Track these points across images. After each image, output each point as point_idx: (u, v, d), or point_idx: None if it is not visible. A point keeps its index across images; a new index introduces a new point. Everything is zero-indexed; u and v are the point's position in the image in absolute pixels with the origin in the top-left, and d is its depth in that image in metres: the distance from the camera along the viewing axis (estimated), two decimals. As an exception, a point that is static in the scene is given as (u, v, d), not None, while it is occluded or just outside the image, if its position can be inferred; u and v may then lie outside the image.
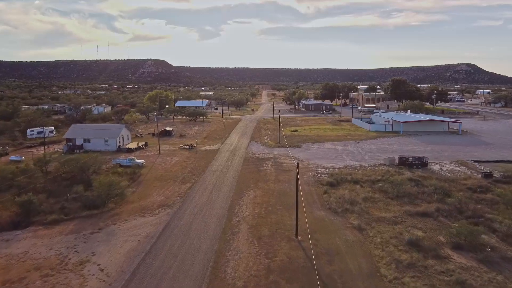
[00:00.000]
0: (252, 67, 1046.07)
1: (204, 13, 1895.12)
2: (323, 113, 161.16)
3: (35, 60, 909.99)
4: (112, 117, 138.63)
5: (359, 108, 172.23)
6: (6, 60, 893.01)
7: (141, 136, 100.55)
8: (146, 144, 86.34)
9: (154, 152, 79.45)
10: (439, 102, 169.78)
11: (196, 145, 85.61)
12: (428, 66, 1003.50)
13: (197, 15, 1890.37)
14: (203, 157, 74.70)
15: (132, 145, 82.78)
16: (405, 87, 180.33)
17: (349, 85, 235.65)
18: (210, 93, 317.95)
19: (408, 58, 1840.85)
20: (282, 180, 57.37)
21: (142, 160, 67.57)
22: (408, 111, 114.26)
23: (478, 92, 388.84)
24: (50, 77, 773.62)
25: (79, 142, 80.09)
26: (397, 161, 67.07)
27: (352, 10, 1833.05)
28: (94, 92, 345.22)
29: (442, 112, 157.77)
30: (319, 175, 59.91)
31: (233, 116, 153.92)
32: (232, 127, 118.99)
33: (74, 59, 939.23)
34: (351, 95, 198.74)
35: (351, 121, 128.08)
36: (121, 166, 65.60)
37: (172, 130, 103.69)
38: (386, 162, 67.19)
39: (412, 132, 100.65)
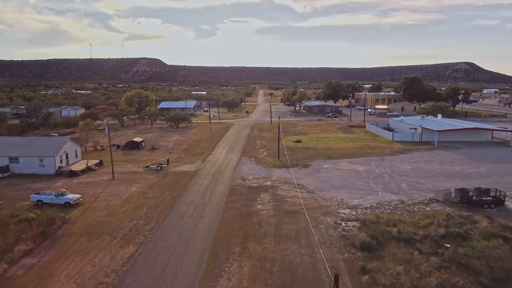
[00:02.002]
0: (248, 66, 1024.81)
1: (201, 12, 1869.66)
2: (328, 116, 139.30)
3: (31, 59, 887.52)
4: (80, 122, 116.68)
5: (369, 110, 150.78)
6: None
7: (102, 149, 78.46)
8: (100, 163, 64.27)
9: (107, 176, 57.44)
10: (460, 103, 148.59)
11: (167, 164, 63.59)
12: (426, 65, 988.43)
13: (193, 14, 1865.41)
14: (172, 185, 52.71)
15: (79, 166, 60.67)
16: (419, 86, 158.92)
17: (353, 84, 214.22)
18: (203, 92, 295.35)
19: (406, 57, 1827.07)
20: (286, 235, 35.54)
21: (77, 195, 45.45)
22: (439, 115, 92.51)
23: (485, 91, 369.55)
24: (42, 76, 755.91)
25: (3, 162, 57.86)
26: (454, 195, 45.43)
27: (349, 9, 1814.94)
28: (78, 91, 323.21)
29: (466, 115, 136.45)
30: (344, 224, 38.06)
31: (224, 120, 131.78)
32: (220, 135, 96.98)
33: (67, 58, 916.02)
34: (363, 95, 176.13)
35: (364, 127, 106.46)
36: (43, 204, 43.72)
37: (142, 141, 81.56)
38: (438, 196, 45.46)
39: (449, 144, 78.92)
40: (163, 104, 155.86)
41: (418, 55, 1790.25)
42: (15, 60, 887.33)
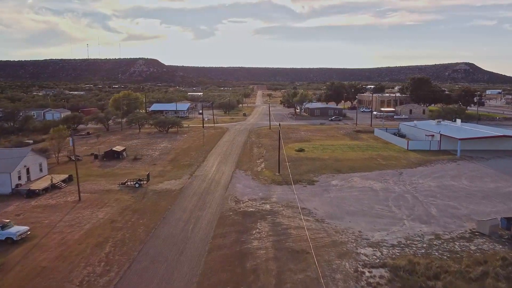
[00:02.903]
0: (247, 66, 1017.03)
1: (199, 12, 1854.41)
2: (331, 120, 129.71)
3: (27, 60, 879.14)
4: (60, 126, 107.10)
5: (375, 113, 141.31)
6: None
7: (78, 160, 68.67)
8: (69, 179, 54.57)
9: (73, 197, 47.80)
10: (472, 105, 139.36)
11: (148, 180, 53.88)
12: (426, 65, 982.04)
13: (191, 14, 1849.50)
14: (149, 209, 43.10)
15: (42, 183, 50.98)
16: (428, 87, 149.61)
17: (356, 84, 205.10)
18: (199, 93, 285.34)
19: (404, 57, 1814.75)
20: (291, 294, 25.96)
21: (23, 228, 35.73)
22: (458, 120, 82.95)
23: (488, 92, 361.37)
24: (38, 77, 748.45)
25: None
26: (502, 226, 36.00)
27: (347, 9, 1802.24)
28: (71, 92, 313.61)
29: (479, 118, 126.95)
30: (367, 273, 28.47)
31: (219, 124, 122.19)
32: (213, 142, 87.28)
33: (64, 58, 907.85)
34: (369, 97, 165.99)
35: (372, 132, 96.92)
36: (-22, 241, 34.15)
37: (123, 150, 71.83)
38: (482, 229, 35.88)
39: (473, 153, 69.36)
40: (155, 107, 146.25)
41: (417, 55, 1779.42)
42: (12, 60, 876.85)
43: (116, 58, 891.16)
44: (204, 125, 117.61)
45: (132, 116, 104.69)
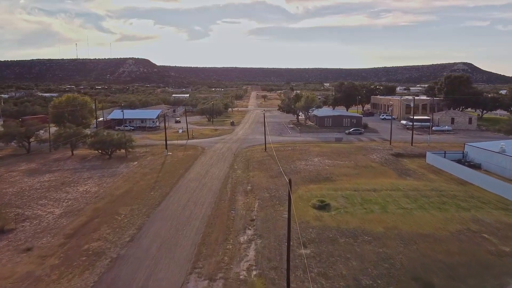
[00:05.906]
0: (241, 66, 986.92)
1: (193, 13, 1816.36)
2: (349, 133, 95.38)
3: (14, 60, 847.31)
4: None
5: (404, 122, 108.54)
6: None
7: None
8: None
9: None
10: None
11: None
12: (423, 65, 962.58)
13: (186, 15, 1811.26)
14: None
15: None
16: (467, 89, 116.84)
17: (368, 85, 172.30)
18: (185, 95, 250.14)
19: (399, 57, 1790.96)
20: None
21: None
22: None
23: (503, 92, 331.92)
24: (23, 77, 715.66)
25: None
26: None
27: (341, 10, 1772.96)
28: (44, 94, 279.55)
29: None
30: None
31: (194, 141, 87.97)
32: (173, 179, 53.13)
33: (52, 58, 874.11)
34: (390, 101, 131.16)
35: (420, 157, 63.57)
36: None
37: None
38: None
39: None
40: (115, 114, 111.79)
41: (413, 56, 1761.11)
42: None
43: (106, 58, 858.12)
44: (176, 141, 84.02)
45: (58, 132, 70.04)
